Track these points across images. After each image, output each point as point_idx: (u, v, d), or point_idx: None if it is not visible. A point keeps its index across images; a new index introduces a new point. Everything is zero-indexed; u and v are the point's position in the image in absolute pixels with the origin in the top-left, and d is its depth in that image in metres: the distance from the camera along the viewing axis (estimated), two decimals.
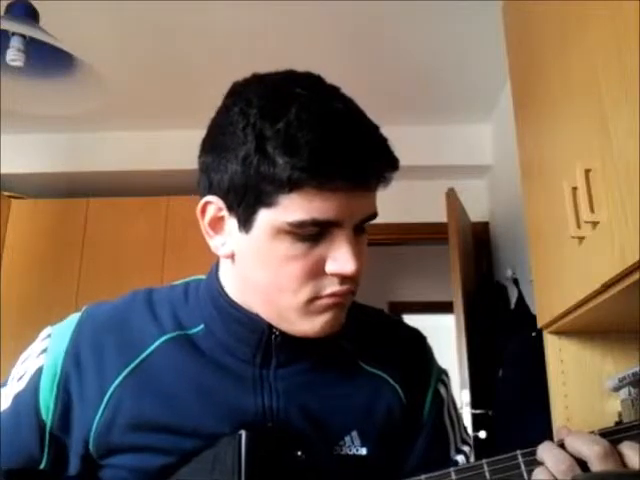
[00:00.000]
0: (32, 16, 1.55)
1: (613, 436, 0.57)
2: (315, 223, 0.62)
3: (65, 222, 3.23)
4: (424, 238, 3.43)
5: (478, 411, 2.43)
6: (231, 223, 0.67)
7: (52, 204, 3.30)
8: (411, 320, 0.87)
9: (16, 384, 0.72)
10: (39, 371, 0.70)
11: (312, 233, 0.63)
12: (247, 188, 0.63)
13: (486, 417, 2.43)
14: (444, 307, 3.56)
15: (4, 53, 1.51)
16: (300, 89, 0.64)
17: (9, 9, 1.54)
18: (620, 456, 0.56)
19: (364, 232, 0.69)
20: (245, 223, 0.65)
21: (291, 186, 0.60)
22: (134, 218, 3.19)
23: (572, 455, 0.57)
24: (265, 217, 0.63)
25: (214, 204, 0.67)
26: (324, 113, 0.62)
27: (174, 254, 3.03)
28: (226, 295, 0.72)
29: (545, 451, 0.58)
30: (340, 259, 0.63)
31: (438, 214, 2.85)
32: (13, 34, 1.51)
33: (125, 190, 3.32)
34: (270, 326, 0.70)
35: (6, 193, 3.28)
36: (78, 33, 2.27)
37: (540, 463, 0.58)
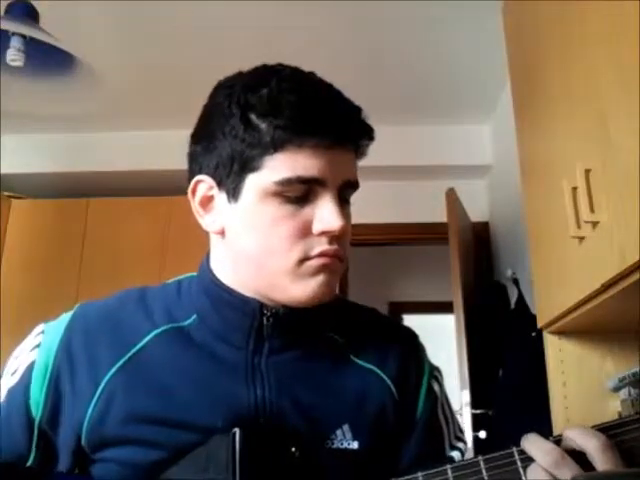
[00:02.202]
0: (32, 16, 1.56)
1: (607, 432, 0.57)
2: (300, 180, 0.65)
3: (65, 222, 3.23)
4: (424, 238, 3.42)
5: (478, 411, 2.43)
6: (220, 199, 0.70)
7: (52, 204, 3.30)
8: (411, 320, 0.87)
9: (9, 379, 0.72)
10: (31, 366, 0.71)
11: (298, 194, 0.66)
12: (234, 158, 0.67)
13: (486, 417, 2.43)
14: (444, 307, 3.55)
15: (4, 53, 1.51)
16: (280, 67, 0.70)
17: (9, 9, 1.54)
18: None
19: (348, 203, 0.72)
20: (234, 193, 0.68)
21: (275, 146, 0.64)
22: (134, 218, 3.18)
23: (571, 448, 0.56)
24: (252, 181, 0.67)
25: (204, 182, 0.71)
26: (303, 82, 0.68)
27: (174, 254, 3.03)
28: (217, 279, 0.73)
29: (529, 444, 0.57)
30: (326, 217, 0.66)
31: (438, 214, 2.85)
32: (13, 34, 1.51)
33: (125, 190, 3.32)
34: (261, 307, 0.70)
35: (6, 193, 3.28)
36: (78, 33, 2.27)
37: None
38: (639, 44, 0.96)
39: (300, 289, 0.68)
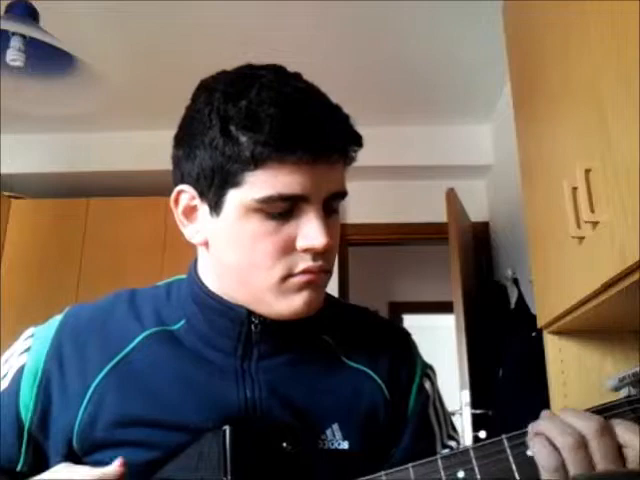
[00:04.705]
0: (32, 16, 1.56)
1: (601, 414, 0.57)
2: (282, 198, 0.63)
3: (65, 222, 3.23)
4: (424, 238, 3.43)
5: (478, 411, 2.43)
6: (203, 210, 0.69)
7: (52, 204, 3.29)
8: (411, 320, 0.87)
9: (1, 382, 0.72)
10: (21, 370, 0.71)
11: (281, 210, 0.64)
12: (215, 171, 0.65)
13: (486, 417, 2.43)
14: (444, 307, 3.56)
15: (4, 53, 1.51)
16: (262, 72, 0.67)
17: (9, 9, 1.54)
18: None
19: (336, 212, 0.70)
20: (216, 206, 0.66)
21: (255, 162, 0.62)
22: (134, 218, 3.18)
23: None
24: (234, 197, 0.65)
25: (187, 193, 0.69)
26: (285, 91, 0.64)
27: (174, 254, 3.02)
28: (205, 287, 0.73)
29: (549, 424, 0.56)
30: (310, 234, 0.65)
31: (438, 214, 2.86)
32: (13, 34, 1.51)
33: (125, 190, 3.32)
34: (249, 314, 0.70)
35: (6, 193, 3.27)
36: (78, 33, 2.27)
37: (525, 443, 0.57)
38: (639, 44, 0.96)
39: (285, 305, 0.67)
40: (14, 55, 1.50)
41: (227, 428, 0.62)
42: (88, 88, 1.62)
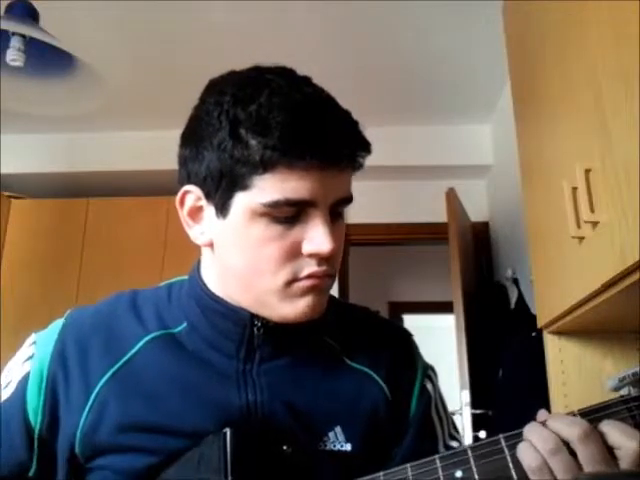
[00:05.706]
0: (32, 16, 1.55)
1: (593, 415, 0.58)
2: (289, 203, 0.63)
3: (65, 222, 3.23)
4: (424, 238, 3.43)
5: (478, 411, 2.43)
6: (209, 211, 0.68)
7: (52, 204, 3.30)
8: (411, 320, 0.87)
9: (3, 392, 0.72)
10: (26, 377, 0.70)
11: (288, 215, 0.64)
12: (223, 173, 0.64)
13: (486, 417, 2.43)
14: (444, 307, 3.56)
15: (4, 53, 1.51)
16: (272, 76, 0.66)
17: (9, 9, 1.54)
18: (601, 435, 0.57)
19: (341, 217, 0.70)
20: (222, 209, 0.66)
21: (264, 167, 0.62)
22: (134, 218, 3.19)
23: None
24: (241, 200, 0.65)
25: (192, 193, 0.69)
26: (295, 96, 0.64)
27: (174, 254, 3.03)
28: (208, 289, 0.73)
29: (531, 430, 0.59)
30: (316, 239, 0.65)
31: (438, 214, 2.85)
32: (13, 34, 1.51)
33: (125, 190, 3.32)
34: (252, 317, 0.70)
35: (6, 193, 3.28)
36: (78, 33, 2.28)
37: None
38: (639, 44, 0.96)
39: (289, 309, 0.67)
40: (14, 55, 1.50)
41: (228, 431, 0.62)
42: (88, 88, 1.62)
